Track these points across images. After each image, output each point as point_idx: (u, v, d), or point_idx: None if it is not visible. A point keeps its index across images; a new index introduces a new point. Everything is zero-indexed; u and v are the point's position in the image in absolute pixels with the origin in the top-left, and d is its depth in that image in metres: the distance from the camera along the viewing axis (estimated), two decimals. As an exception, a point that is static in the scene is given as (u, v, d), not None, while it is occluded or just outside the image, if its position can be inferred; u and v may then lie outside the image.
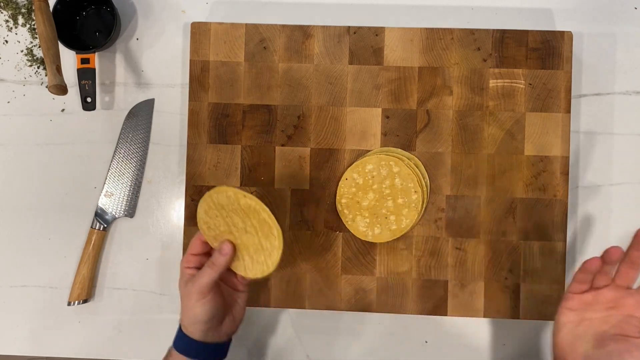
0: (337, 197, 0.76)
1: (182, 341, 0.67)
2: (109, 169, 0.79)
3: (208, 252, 0.68)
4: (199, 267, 0.67)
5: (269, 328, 0.80)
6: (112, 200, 0.79)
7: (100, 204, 0.79)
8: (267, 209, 0.63)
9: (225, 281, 0.69)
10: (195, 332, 0.66)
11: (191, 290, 0.65)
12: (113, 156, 0.79)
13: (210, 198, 0.65)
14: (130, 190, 0.79)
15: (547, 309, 0.75)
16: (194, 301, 0.65)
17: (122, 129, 0.79)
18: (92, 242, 0.79)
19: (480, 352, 0.79)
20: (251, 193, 0.77)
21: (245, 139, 0.78)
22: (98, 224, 0.79)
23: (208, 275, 0.65)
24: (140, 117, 0.79)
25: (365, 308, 0.76)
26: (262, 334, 0.80)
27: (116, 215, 0.80)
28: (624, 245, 0.61)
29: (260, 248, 0.64)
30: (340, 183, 0.76)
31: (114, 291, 0.80)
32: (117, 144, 0.79)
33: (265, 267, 0.65)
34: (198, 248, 0.68)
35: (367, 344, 0.79)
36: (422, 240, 0.76)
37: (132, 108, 0.79)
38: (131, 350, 0.80)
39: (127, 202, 0.79)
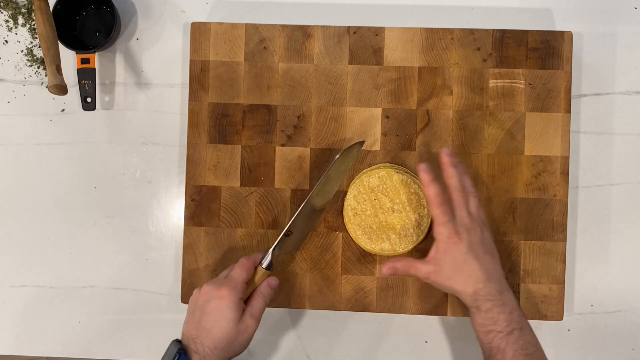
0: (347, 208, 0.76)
1: None
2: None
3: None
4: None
5: (269, 328, 0.80)
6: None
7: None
8: (418, 181, 0.73)
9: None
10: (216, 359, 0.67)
11: (248, 320, 0.68)
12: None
13: (361, 182, 0.74)
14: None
15: (547, 309, 0.76)
16: (249, 331, 0.68)
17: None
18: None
19: (480, 352, 0.79)
20: (251, 193, 0.77)
21: (245, 139, 0.78)
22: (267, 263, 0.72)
23: (261, 304, 0.69)
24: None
25: (365, 308, 0.76)
26: (262, 334, 0.80)
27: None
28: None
29: (409, 221, 0.74)
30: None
31: (114, 291, 0.80)
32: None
33: (415, 237, 0.74)
34: (249, 274, 0.70)
35: (367, 344, 0.79)
36: (422, 241, 0.76)
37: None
38: (131, 350, 0.80)
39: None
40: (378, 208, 0.74)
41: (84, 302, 0.81)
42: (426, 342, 0.79)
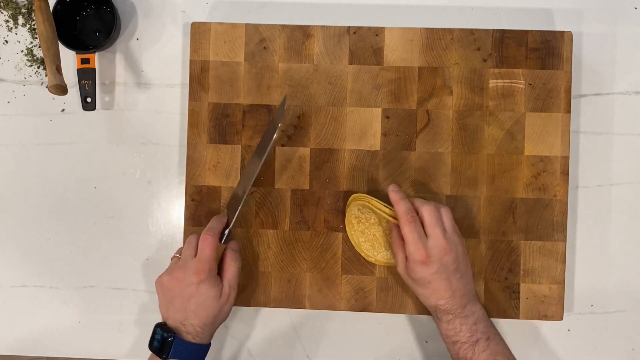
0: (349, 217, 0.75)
1: (185, 349, 0.67)
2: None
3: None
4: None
5: (270, 328, 0.80)
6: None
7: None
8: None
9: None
10: (211, 334, 0.70)
11: (226, 289, 0.70)
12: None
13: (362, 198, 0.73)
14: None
15: (547, 309, 0.76)
16: (230, 300, 0.70)
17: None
18: None
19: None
20: (251, 193, 0.77)
21: (245, 139, 0.78)
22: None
23: (233, 269, 0.71)
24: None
25: (365, 308, 0.76)
26: (263, 333, 0.80)
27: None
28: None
29: None
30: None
31: (114, 291, 0.80)
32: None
33: None
34: (213, 247, 0.70)
35: (367, 344, 0.79)
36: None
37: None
38: (131, 350, 0.80)
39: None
40: (382, 218, 0.73)
41: (83, 302, 0.81)
42: (426, 342, 0.79)
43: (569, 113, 0.76)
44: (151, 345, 0.69)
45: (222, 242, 0.72)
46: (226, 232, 0.73)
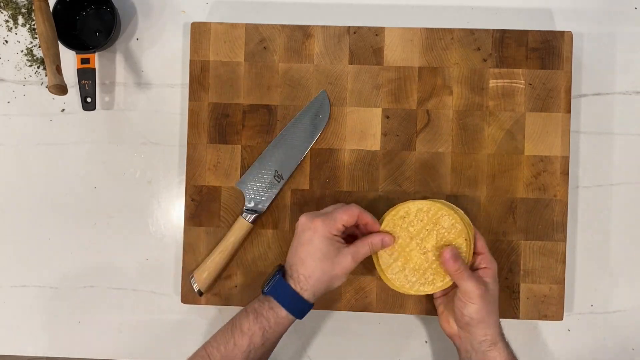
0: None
1: (282, 289, 0.68)
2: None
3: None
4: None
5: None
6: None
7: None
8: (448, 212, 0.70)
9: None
10: (316, 293, 0.68)
11: (346, 257, 0.68)
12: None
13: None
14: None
15: (547, 309, 0.76)
16: (345, 267, 0.68)
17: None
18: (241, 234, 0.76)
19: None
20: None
21: (245, 139, 0.78)
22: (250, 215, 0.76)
23: (366, 251, 0.69)
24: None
25: (366, 308, 0.77)
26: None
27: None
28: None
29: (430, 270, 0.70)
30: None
31: (114, 291, 0.80)
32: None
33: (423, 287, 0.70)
34: (352, 221, 0.69)
35: (367, 344, 0.80)
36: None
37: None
38: (132, 351, 0.80)
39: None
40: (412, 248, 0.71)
41: (84, 302, 0.81)
42: (426, 342, 0.79)
43: (569, 113, 0.76)
44: (264, 282, 0.70)
45: (250, 222, 0.75)
46: (259, 210, 0.75)
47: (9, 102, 0.81)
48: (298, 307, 0.68)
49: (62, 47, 0.74)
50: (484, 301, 0.67)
